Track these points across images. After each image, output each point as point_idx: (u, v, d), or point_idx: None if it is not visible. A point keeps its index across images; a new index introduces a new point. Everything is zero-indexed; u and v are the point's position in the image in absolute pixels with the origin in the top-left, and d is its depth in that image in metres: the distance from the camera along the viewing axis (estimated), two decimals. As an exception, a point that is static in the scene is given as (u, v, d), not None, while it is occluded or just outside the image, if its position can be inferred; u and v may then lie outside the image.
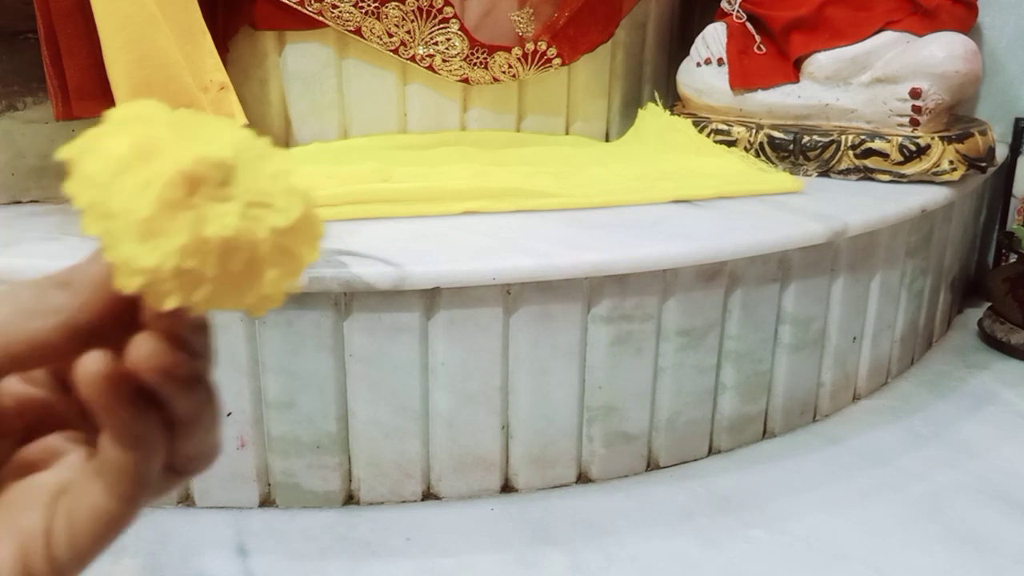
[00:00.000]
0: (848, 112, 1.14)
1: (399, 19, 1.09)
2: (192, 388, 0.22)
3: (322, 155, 1.08)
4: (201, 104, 0.88)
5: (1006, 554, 0.79)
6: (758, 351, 0.95)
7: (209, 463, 0.24)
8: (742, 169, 1.10)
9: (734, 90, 1.20)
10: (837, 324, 1.00)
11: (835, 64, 1.13)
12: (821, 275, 0.97)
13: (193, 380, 0.22)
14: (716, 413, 0.95)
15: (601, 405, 0.87)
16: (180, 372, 0.21)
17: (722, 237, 0.88)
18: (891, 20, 1.12)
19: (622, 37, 1.26)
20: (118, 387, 0.20)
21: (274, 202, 0.19)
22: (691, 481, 0.90)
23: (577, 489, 0.89)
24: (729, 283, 0.90)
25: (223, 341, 0.79)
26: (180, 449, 0.22)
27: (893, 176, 1.10)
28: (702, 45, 1.24)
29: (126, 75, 0.84)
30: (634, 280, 0.84)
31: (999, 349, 1.21)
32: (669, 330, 0.88)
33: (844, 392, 1.06)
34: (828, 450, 0.97)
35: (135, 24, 0.84)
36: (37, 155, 0.94)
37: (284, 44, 1.09)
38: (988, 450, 0.96)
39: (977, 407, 1.06)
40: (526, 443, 0.86)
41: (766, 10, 1.19)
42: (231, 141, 0.20)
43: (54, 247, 0.81)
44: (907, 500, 0.87)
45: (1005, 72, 1.32)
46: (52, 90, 0.85)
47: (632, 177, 1.06)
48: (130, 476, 0.21)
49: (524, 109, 1.22)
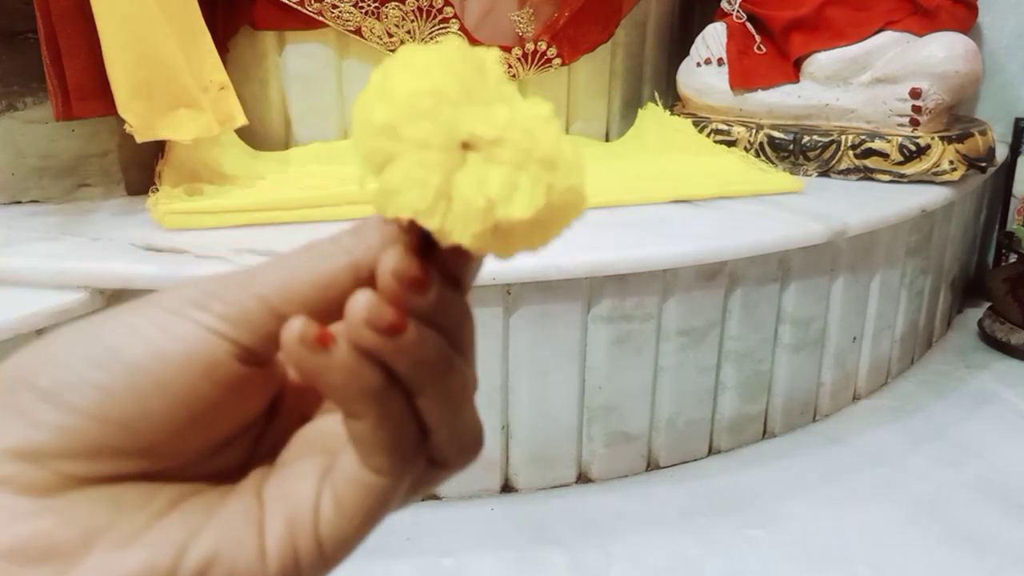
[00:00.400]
0: (848, 112, 1.14)
1: (399, 19, 1.09)
2: (448, 356, 0.21)
3: (322, 155, 1.08)
4: (201, 104, 0.88)
5: (1006, 554, 0.79)
6: (758, 351, 0.95)
7: (470, 455, 0.22)
8: (742, 169, 1.10)
9: (734, 90, 1.19)
10: (837, 324, 1.00)
11: (835, 64, 1.13)
12: (821, 275, 0.97)
13: (455, 335, 0.21)
14: (716, 413, 0.94)
15: (601, 405, 0.87)
16: (448, 318, 0.20)
17: (722, 237, 0.88)
18: (891, 20, 1.12)
19: (622, 37, 1.26)
20: (371, 339, 0.19)
21: (560, 160, 0.19)
22: (691, 481, 0.90)
23: (577, 489, 0.89)
24: (729, 283, 0.90)
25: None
26: (436, 437, 0.21)
27: (893, 176, 1.10)
28: (702, 45, 1.23)
29: (126, 75, 0.84)
30: (634, 280, 0.84)
31: (999, 349, 1.21)
32: (669, 330, 0.88)
33: (844, 392, 1.05)
34: (828, 450, 0.97)
35: (135, 24, 0.84)
36: (37, 155, 0.94)
37: (284, 44, 1.09)
38: (988, 450, 0.96)
39: (977, 407, 1.06)
40: (526, 443, 0.86)
41: (766, 10, 1.19)
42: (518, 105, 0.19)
43: (54, 247, 0.81)
44: (907, 500, 0.87)
45: (1005, 72, 1.32)
46: (52, 90, 0.85)
47: (632, 177, 1.06)
48: (383, 447, 0.20)
49: (524, 109, 1.22)
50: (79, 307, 0.75)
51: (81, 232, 0.85)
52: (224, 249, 0.81)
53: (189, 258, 0.79)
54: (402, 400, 0.20)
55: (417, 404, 0.21)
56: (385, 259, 0.19)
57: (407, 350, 0.19)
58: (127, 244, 0.82)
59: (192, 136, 0.88)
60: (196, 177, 0.93)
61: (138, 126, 0.86)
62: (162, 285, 0.77)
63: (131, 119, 0.85)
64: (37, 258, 0.78)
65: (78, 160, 0.96)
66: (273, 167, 1.02)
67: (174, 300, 0.20)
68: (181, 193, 0.91)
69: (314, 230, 0.87)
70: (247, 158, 1.02)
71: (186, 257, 0.79)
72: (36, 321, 0.73)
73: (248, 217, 0.89)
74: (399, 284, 0.19)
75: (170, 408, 0.19)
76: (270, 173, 0.99)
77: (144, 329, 0.20)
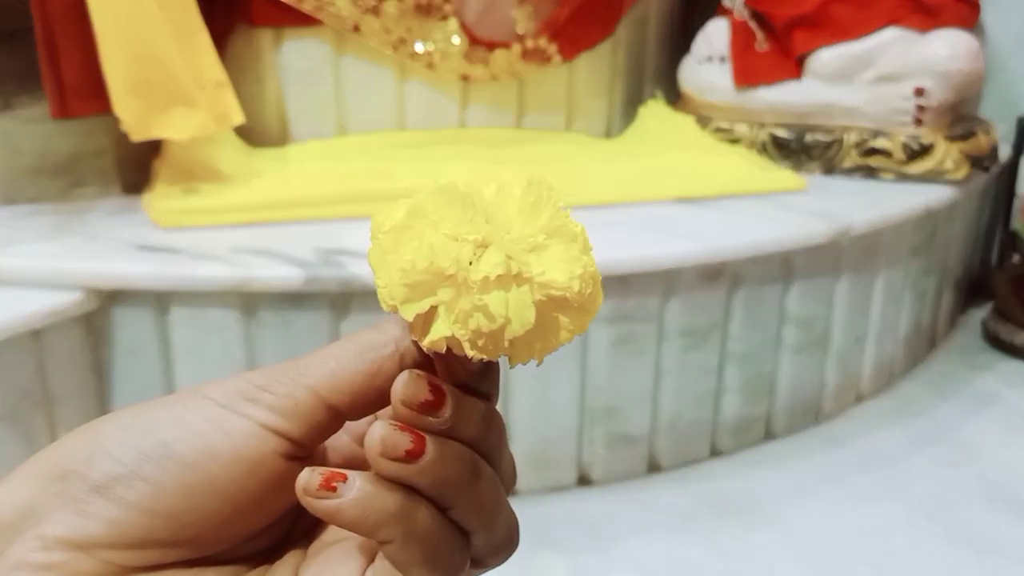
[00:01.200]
0: (851, 110, 1.13)
1: (397, 16, 1.08)
2: (475, 465, 0.21)
3: (319, 153, 1.08)
4: (197, 102, 0.87)
5: (1009, 555, 0.78)
6: (761, 352, 0.94)
7: (505, 555, 0.23)
8: (744, 167, 1.09)
9: (737, 87, 1.19)
10: (840, 325, 0.99)
11: (838, 61, 1.12)
12: (824, 275, 0.96)
13: (482, 439, 0.21)
14: (718, 415, 0.94)
15: (602, 407, 0.87)
16: (470, 428, 0.21)
17: (724, 237, 0.87)
18: (894, 17, 1.11)
19: (623, 34, 1.25)
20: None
21: (546, 262, 0.20)
22: (693, 483, 0.89)
23: (577, 491, 0.88)
24: (732, 283, 0.89)
25: (220, 341, 0.78)
26: (473, 540, 0.22)
27: (897, 175, 1.09)
28: (704, 42, 1.23)
29: (122, 73, 0.84)
30: (635, 280, 0.83)
31: (1003, 350, 1.20)
32: (671, 331, 0.87)
33: (847, 393, 1.05)
34: (831, 452, 0.96)
35: (131, 22, 0.83)
36: (34, 154, 0.94)
37: (281, 41, 1.09)
38: (991, 451, 0.95)
39: (981, 408, 1.05)
40: (526, 445, 0.86)
41: (769, 7, 1.18)
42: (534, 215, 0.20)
43: (51, 247, 0.80)
44: (910, 501, 0.86)
45: (1008, 71, 1.31)
46: (48, 88, 0.84)
47: (633, 175, 1.05)
48: (417, 562, 0.20)
49: (524, 107, 1.21)
50: (76, 307, 0.75)
51: (78, 231, 0.85)
52: (221, 248, 0.80)
53: (186, 257, 0.78)
54: (429, 515, 0.20)
55: (451, 516, 0.21)
56: (396, 386, 0.20)
57: (427, 471, 0.20)
58: (124, 243, 0.81)
59: (188, 134, 0.88)
60: (193, 175, 0.92)
61: (134, 124, 0.85)
62: (160, 285, 0.76)
63: (127, 117, 0.84)
64: (34, 258, 0.77)
65: (74, 159, 0.96)
66: (270, 165, 1.01)
67: (225, 393, 0.20)
68: (178, 192, 0.90)
69: (312, 229, 0.86)
70: (244, 156, 1.01)
71: (183, 256, 0.78)
72: (33, 321, 0.72)
73: (245, 215, 0.88)
74: (411, 410, 0.20)
75: (216, 503, 0.20)
76: (267, 171, 0.98)
77: (196, 424, 0.20)
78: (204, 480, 0.20)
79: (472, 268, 0.19)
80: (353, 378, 0.21)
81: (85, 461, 0.20)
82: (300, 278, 0.75)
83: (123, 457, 0.19)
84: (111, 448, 0.20)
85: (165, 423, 0.20)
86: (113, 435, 0.20)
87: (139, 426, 0.20)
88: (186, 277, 0.75)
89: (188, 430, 0.20)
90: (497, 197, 0.20)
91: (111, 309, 0.77)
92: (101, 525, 0.19)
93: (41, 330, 0.73)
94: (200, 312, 0.77)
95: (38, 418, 0.75)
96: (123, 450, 0.20)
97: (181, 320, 0.78)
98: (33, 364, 0.74)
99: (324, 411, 0.21)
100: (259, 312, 0.78)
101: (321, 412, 0.21)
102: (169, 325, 0.78)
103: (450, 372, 0.21)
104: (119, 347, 0.79)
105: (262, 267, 0.76)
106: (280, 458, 0.20)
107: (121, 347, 0.79)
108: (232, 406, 0.20)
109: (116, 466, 0.19)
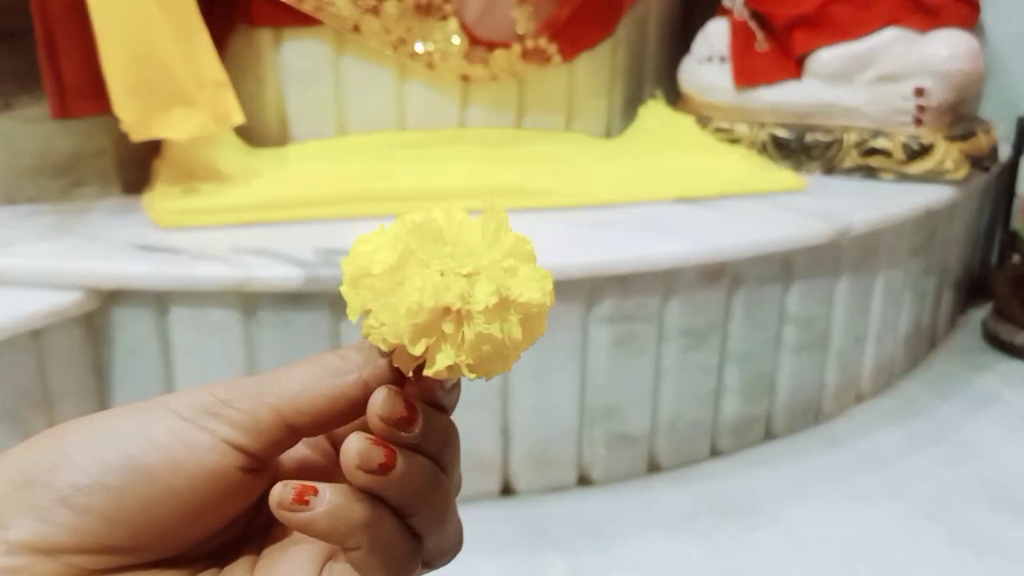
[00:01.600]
0: (851, 110, 1.13)
1: (397, 16, 1.08)
2: (435, 477, 0.22)
3: (319, 153, 1.08)
4: (197, 102, 0.87)
5: (1009, 555, 0.78)
6: (761, 352, 0.94)
7: (450, 556, 0.24)
8: (744, 167, 1.09)
9: (737, 87, 1.19)
10: (840, 325, 0.99)
11: (838, 61, 1.12)
12: (824, 275, 0.96)
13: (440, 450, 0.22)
14: (718, 415, 0.94)
15: (602, 407, 0.87)
16: (434, 442, 0.22)
17: (725, 236, 0.87)
18: (894, 17, 1.11)
19: (623, 34, 1.25)
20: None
21: (521, 284, 0.21)
22: (693, 483, 0.89)
23: (578, 491, 0.88)
24: (732, 283, 0.89)
25: (220, 341, 0.78)
26: (424, 544, 0.23)
27: (897, 175, 1.09)
28: (704, 42, 1.23)
29: (122, 73, 0.84)
30: (635, 280, 0.83)
31: (1003, 350, 1.20)
32: (671, 331, 0.87)
33: (847, 393, 1.05)
34: (831, 452, 0.96)
35: (132, 22, 0.83)
36: (34, 154, 0.94)
37: (281, 41, 1.09)
38: (991, 451, 0.95)
39: (981, 408, 1.05)
40: (526, 445, 0.86)
41: (769, 7, 1.18)
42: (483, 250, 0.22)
43: (51, 246, 0.80)
44: (910, 501, 0.86)
45: (1008, 71, 1.31)
46: (48, 88, 0.84)
47: (633, 175, 1.05)
48: (378, 567, 0.21)
49: (524, 106, 1.21)
50: (75, 307, 0.75)
51: (78, 231, 0.85)
52: (221, 248, 0.80)
53: (186, 257, 0.78)
54: (392, 522, 0.22)
55: (409, 523, 0.22)
56: (373, 402, 0.21)
57: (396, 482, 0.21)
58: (124, 243, 0.81)
59: (188, 135, 0.87)
60: (193, 175, 0.92)
61: (134, 124, 0.85)
62: (160, 285, 0.76)
63: (127, 117, 0.84)
64: (34, 258, 0.77)
65: (74, 159, 0.96)
66: (270, 165, 1.01)
67: (189, 406, 0.21)
68: (178, 192, 0.90)
69: (312, 229, 0.86)
70: (244, 156, 1.01)
71: (183, 256, 0.78)
72: (33, 321, 0.72)
73: (245, 215, 0.88)
74: (387, 426, 0.21)
75: (176, 512, 0.21)
76: (267, 171, 0.98)
77: (160, 437, 0.21)
78: (165, 491, 0.21)
79: (473, 300, 0.20)
80: (316, 401, 0.22)
81: (50, 470, 0.20)
82: (300, 278, 0.75)
83: (88, 468, 0.20)
84: (76, 458, 0.20)
85: (130, 435, 0.21)
86: (78, 445, 0.21)
87: (104, 438, 0.21)
88: (186, 277, 0.75)
89: (152, 443, 0.21)
90: (461, 228, 0.22)
91: (111, 309, 0.77)
92: (64, 532, 0.20)
93: (41, 330, 0.73)
94: (200, 312, 0.77)
95: (38, 418, 0.75)
96: (87, 460, 0.20)
97: (181, 320, 0.78)
98: (33, 364, 0.74)
99: (284, 429, 0.22)
100: (259, 312, 0.78)
101: (281, 430, 0.22)
102: (169, 325, 0.78)
103: (424, 391, 0.22)
104: (119, 347, 0.79)
105: (262, 267, 0.76)
106: (239, 471, 0.21)
107: (121, 347, 0.79)
108: (196, 420, 0.21)
109: (80, 477, 0.20)
